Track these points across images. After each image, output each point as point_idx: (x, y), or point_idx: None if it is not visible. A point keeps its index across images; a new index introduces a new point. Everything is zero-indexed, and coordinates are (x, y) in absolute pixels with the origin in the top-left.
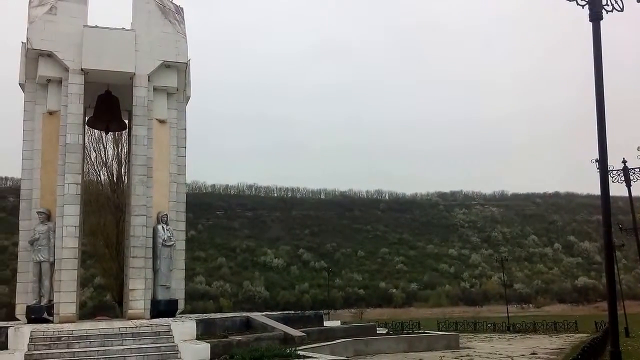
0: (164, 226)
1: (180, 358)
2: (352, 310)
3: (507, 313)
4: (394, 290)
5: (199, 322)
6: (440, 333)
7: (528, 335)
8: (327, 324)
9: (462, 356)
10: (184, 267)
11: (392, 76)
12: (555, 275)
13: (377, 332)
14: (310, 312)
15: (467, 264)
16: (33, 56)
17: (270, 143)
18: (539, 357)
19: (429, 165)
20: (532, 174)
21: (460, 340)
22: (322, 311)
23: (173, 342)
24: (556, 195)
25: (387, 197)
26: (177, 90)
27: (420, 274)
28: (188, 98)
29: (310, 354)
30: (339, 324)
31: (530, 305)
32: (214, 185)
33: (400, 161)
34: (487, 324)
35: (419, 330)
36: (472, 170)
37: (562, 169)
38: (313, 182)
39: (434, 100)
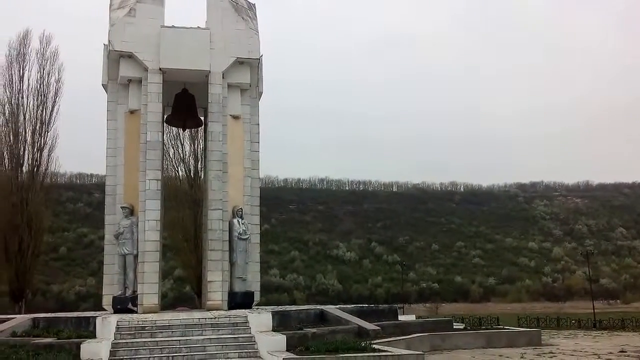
0: (240, 220)
1: (257, 349)
2: (427, 304)
3: (593, 309)
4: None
5: (274, 314)
6: (521, 329)
7: (616, 333)
8: (401, 318)
9: (544, 353)
10: (259, 260)
11: (461, 65)
12: None
13: (454, 327)
14: (385, 305)
15: (549, 257)
16: (114, 57)
17: (341, 136)
18: (628, 355)
19: (505, 155)
20: (618, 160)
21: (542, 337)
22: (396, 305)
23: (250, 333)
24: None
25: (462, 189)
26: (250, 86)
27: (498, 268)
28: (260, 94)
29: (385, 348)
30: (414, 318)
31: (618, 301)
32: (286, 179)
33: (475, 152)
34: (571, 320)
35: (498, 325)
36: (553, 159)
37: None
38: (385, 175)
39: (507, 89)
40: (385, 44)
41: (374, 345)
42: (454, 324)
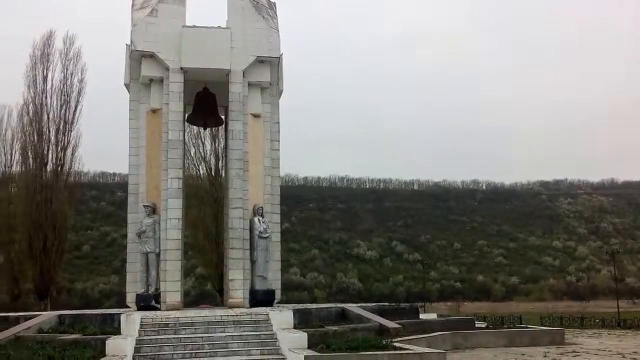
0: (260, 218)
1: (278, 346)
2: (448, 303)
3: (618, 308)
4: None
5: (295, 312)
6: (544, 328)
7: None
8: (422, 316)
9: (567, 352)
10: (280, 259)
11: (484, 60)
12: None
13: (476, 326)
14: (406, 304)
15: (573, 256)
16: (136, 57)
17: (361, 134)
18: None
19: (528, 152)
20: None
21: (565, 336)
22: (417, 303)
23: (271, 330)
24: None
25: (484, 187)
26: (271, 84)
27: (521, 267)
28: (281, 92)
29: (406, 346)
30: (435, 317)
31: None
32: (306, 177)
33: (498, 149)
34: (595, 319)
35: (521, 324)
36: (577, 156)
37: None
38: (406, 173)
39: (531, 84)
40: (404, 39)
41: (395, 344)
42: (476, 322)
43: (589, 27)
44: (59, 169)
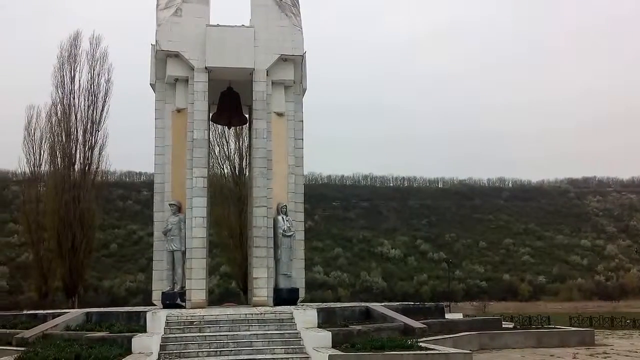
0: (284, 217)
1: (302, 345)
2: (474, 303)
3: None
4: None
5: (319, 311)
6: (573, 329)
7: None
8: (448, 316)
9: (597, 353)
10: (303, 257)
11: (506, 59)
12: None
13: (503, 326)
14: (431, 303)
15: (602, 255)
16: (161, 57)
17: (385, 132)
18: None
19: (555, 150)
20: None
21: (595, 337)
22: (442, 303)
23: (296, 329)
24: None
25: (510, 184)
26: (294, 83)
27: (548, 266)
28: (304, 90)
29: (432, 346)
30: (461, 317)
31: None
32: (330, 175)
33: (524, 146)
34: (626, 320)
35: (549, 325)
36: (606, 153)
37: None
38: (430, 171)
39: (557, 79)
40: (427, 38)
41: (420, 344)
42: (503, 323)
43: (603, 21)
44: (87, 168)
